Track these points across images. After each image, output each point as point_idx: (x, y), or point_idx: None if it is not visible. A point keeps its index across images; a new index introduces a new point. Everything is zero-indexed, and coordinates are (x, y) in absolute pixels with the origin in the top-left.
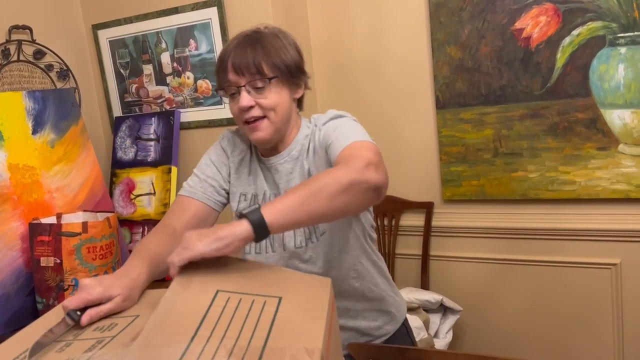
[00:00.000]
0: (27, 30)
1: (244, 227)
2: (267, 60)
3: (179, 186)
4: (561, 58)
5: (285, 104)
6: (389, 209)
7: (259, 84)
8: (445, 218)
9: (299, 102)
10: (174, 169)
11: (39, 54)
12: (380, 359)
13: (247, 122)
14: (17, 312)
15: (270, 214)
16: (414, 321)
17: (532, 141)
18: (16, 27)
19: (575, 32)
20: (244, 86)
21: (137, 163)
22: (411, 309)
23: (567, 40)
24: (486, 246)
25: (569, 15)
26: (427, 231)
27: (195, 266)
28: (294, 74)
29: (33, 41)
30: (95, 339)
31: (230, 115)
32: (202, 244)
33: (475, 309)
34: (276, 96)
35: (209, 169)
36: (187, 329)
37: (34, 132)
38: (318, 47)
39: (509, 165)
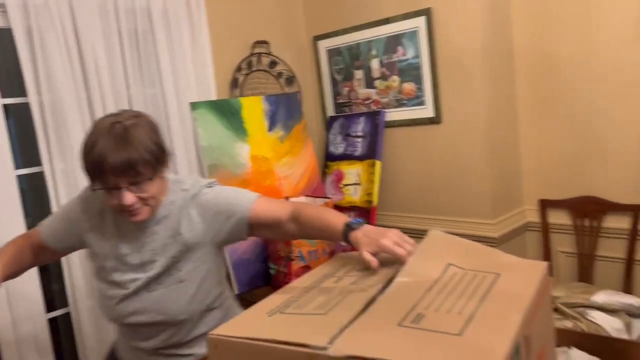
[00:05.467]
0: (265, 44)
1: None
2: (141, 159)
3: (383, 178)
4: None
5: (160, 187)
6: (590, 209)
7: (138, 180)
8: None
9: None
10: (378, 163)
11: (272, 63)
12: (583, 345)
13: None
14: (254, 275)
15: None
16: (614, 322)
17: None
18: (258, 42)
19: None
20: (124, 186)
21: (346, 157)
22: (612, 311)
23: None
24: None
25: None
26: (634, 235)
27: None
28: (161, 159)
29: (269, 53)
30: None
31: (431, 114)
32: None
33: None
34: (154, 186)
35: (63, 223)
36: (422, 285)
37: (269, 129)
38: (522, 51)
39: None
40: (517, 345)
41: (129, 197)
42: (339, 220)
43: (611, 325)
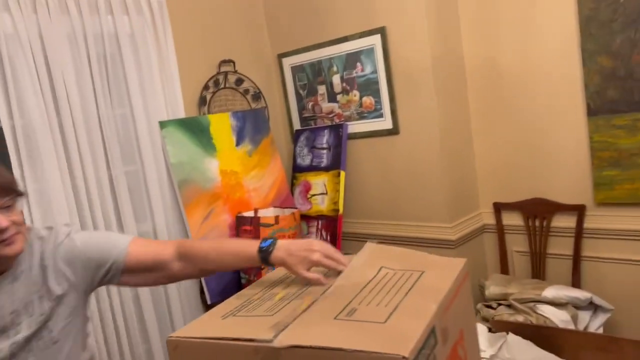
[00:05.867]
0: (231, 63)
1: None
2: (7, 179)
3: (347, 187)
4: None
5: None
6: (540, 210)
7: (9, 203)
8: (598, 220)
9: None
10: (342, 173)
11: (239, 81)
12: (519, 333)
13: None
14: (226, 285)
15: None
16: (561, 315)
17: None
18: (224, 61)
19: None
20: None
21: (313, 168)
22: (560, 305)
23: None
24: None
25: None
26: (579, 233)
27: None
28: (17, 182)
29: (235, 71)
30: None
31: (390, 126)
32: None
33: (630, 310)
34: (20, 211)
35: None
36: (357, 285)
37: (237, 144)
38: (472, 65)
39: None
40: (433, 328)
41: (4, 220)
42: (250, 246)
43: (559, 318)
